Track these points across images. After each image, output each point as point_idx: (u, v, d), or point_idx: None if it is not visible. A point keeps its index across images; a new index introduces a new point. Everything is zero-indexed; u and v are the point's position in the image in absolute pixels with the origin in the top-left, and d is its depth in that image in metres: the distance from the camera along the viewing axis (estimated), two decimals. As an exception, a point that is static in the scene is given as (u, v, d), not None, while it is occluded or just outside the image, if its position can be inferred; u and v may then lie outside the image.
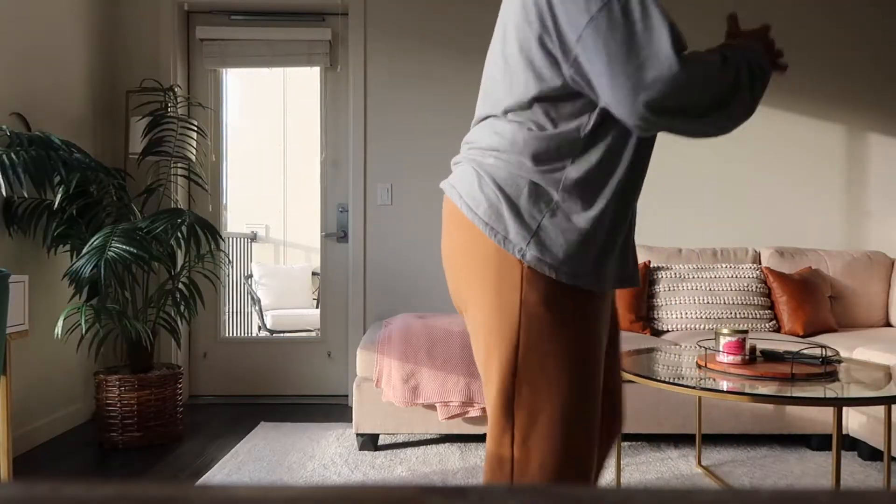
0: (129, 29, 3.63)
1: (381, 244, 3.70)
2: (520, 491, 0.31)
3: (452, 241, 1.23)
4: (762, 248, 3.60)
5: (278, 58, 3.76)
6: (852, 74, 3.75)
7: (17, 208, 2.78)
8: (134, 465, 2.65)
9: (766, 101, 3.74)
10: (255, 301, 5.33)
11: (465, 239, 1.19)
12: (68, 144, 2.86)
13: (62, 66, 3.18)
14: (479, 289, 1.18)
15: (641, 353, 2.34)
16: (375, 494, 0.29)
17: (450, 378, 2.71)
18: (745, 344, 2.04)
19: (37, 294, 2.94)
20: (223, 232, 3.95)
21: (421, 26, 3.69)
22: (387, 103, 3.70)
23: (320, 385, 3.84)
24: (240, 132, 5.87)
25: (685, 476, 2.53)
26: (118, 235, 2.70)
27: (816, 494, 0.30)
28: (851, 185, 3.77)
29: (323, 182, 3.83)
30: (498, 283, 1.15)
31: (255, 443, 2.91)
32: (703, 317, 3.22)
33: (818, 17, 3.75)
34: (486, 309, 1.17)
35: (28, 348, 2.87)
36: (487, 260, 1.16)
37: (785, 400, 1.73)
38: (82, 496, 0.29)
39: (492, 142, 1.18)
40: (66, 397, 3.15)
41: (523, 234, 1.12)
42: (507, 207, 1.14)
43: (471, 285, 1.19)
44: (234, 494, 0.29)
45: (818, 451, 2.80)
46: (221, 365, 3.83)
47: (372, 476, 2.53)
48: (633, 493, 0.31)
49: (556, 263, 1.12)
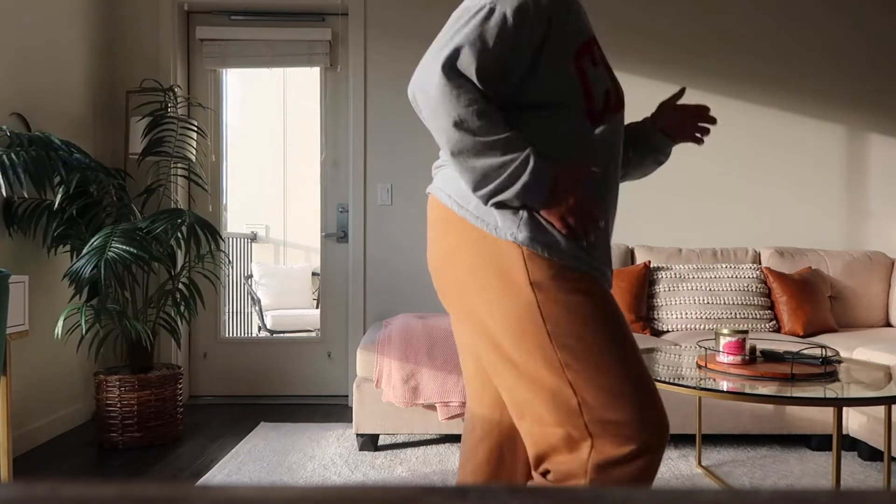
0: (129, 29, 3.63)
1: (381, 244, 3.70)
2: (520, 491, 0.31)
3: (441, 246, 1.25)
4: (762, 248, 3.60)
5: (278, 58, 3.76)
6: (852, 75, 3.75)
7: (18, 208, 2.78)
8: (134, 466, 2.65)
9: (767, 102, 3.74)
10: (255, 301, 5.33)
11: (458, 239, 1.21)
12: (68, 145, 2.86)
13: (62, 67, 3.18)
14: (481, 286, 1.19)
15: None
16: (375, 495, 0.29)
17: (450, 378, 2.71)
18: (745, 344, 2.04)
19: (37, 294, 2.94)
20: (223, 232, 3.95)
21: (421, 26, 3.69)
22: (387, 103, 3.70)
23: (320, 385, 3.84)
24: (240, 132, 5.87)
25: (685, 476, 2.53)
26: (118, 236, 2.70)
27: (816, 494, 0.30)
28: (851, 185, 3.77)
29: (323, 182, 3.83)
30: (501, 272, 1.17)
31: (255, 443, 2.92)
32: (703, 317, 3.22)
33: (818, 17, 3.75)
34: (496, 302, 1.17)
35: (28, 348, 2.88)
36: (484, 253, 1.18)
37: (785, 400, 1.73)
38: (82, 496, 0.29)
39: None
40: (66, 397, 3.15)
41: (512, 220, 1.16)
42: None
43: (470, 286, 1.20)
44: (235, 495, 0.29)
45: (818, 452, 2.80)
46: (221, 365, 3.83)
47: (372, 476, 2.53)
48: (634, 493, 0.31)
49: (549, 243, 1.16)
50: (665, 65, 3.72)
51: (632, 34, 3.72)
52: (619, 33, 3.72)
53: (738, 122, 3.74)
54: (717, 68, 3.73)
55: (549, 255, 1.15)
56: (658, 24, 3.72)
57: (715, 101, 3.74)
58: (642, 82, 3.72)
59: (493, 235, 1.17)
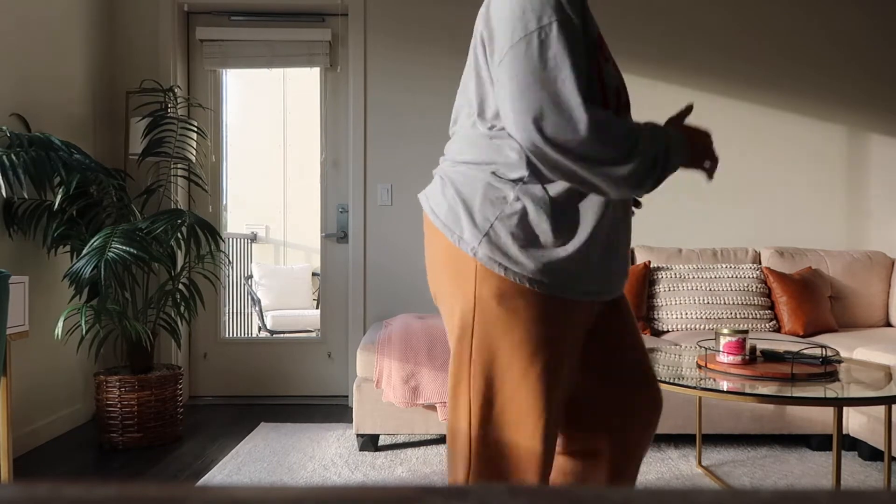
0: (129, 29, 3.64)
1: (381, 245, 3.70)
2: (521, 491, 0.31)
3: (426, 245, 1.34)
4: (762, 248, 3.60)
5: (278, 58, 3.76)
6: (853, 75, 3.75)
7: (18, 209, 2.78)
8: (134, 466, 2.65)
9: (767, 101, 3.74)
10: (255, 302, 5.33)
11: (434, 241, 1.28)
12: (68, 145, 2.86)
13: (62, 67, 3.18)
14: (445, 285, 1.27)
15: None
16: (376, 495, 0.29)
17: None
18: (746, 344, 2.04)
19: (37, 295, 2.94)
20: (223, 232, 3.95)
21: (421, 27, 3.69)
22: (387, 104, 3.70)
23: (320, 386, 3.84)
24: (240, 132, 5.87)
25: (685, 476, 2.53)
26: (118, 236, 2.70)
27: (817, 494, 0.30)
28: (851, 185, 3.77)
29: (323, 182, 3.83)
30: (457, 278, 1.24)
31: (255, 443, 2.91)
32: (703, 317, 3.22)
33: (819, 17, 3.75)
34: (450, 301, 1.26)
35: (28, 349, 2.87)
36: (449, 258, 1.25)
37: (785, 400, 1.73)
38: (82, 497, 0.29)
39: (456, 149, 1.28)
40: (66, 398, 3.15)
41: (475, 234, 1.20)
42: (463, 210, 1.22)
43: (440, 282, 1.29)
44: (235, 495, 0.29)
45: (818, 452, 2.80)
46: (221, 365, 3.83)
47: (372, 476, 2.53)
48: (634, 494, 0.31)
49: (506, 263, 1.19)
50: (664, 65, 3.72)
51: (630, 34, 3.72)
52: (617, 32, 3.72)
53: (738, 122, 3.74)
54: (716, 68, 3.73)
55: (504, 274, 1.19)
56: (657, 25, 3.72)
57: (715, 100, 3.74)
58: (642, 82, 3.72)
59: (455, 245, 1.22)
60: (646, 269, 3.30)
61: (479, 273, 1.20)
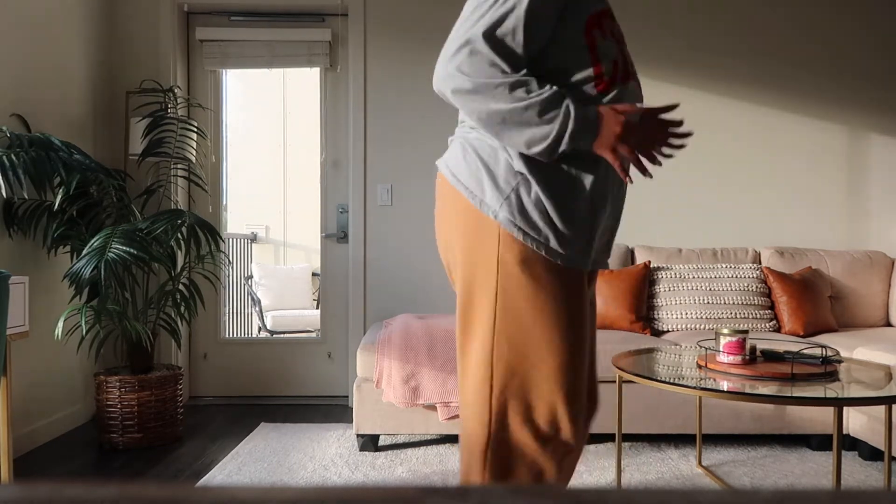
0: (129, 29, 3.64)
1: (381, 245, 3.70)
2: (521, 491, 0.31)
3: (440, 211, 1.35)
4: (762, 248, 3.60)
5: (278, 58, 3.76)
6: (853, 74, 3.75)
7: (18, 209, 2.78)
8: (134, 466, 2.65)
9: (767, 101, 3.74)
10: (255, 302, 5.33)
11: (451, 206, 1.30)
12: (68, 145, 2.86)
13: (62, 67, 3.18)
14: (462, 249, 1.28)
15: (642, 354, 2.34)
16: (376, 495, 0.29)
17: (450, 378, 2.71)
18: (746, 344, 2.04)
19: (37, 295, 2.94)
20: (223, 233, 3.95)
21: (421, 27, 3.69)
22: (387, 104, 3.70)
23: (320, 386, 3.84)
24: (240, 133, 5.87)
25: (686, 476, 2.53)
26: (118, 236, 2.70)
27: (817, 494, 0.30)
28: (852, 185, 3.77)
29: (323, 183, 3.83)
30: (478, 243, 1.25)
31: (255, 444, 2.91)
32: (703, 317, 3.22)
33: (819, 16, 3.75)
34: (469, 267, 1.27)
35: (28, 349, 2.87)
36: (469, 222, 1.26)
37: (785, 400, 1.73)
38: (82, 497, 0.29)
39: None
40: (66, 398, 3.15)
41: (497, 197, 1.23)
42: (486, 174, 1.25)
43: (456, 247, 1.29)
44: (235, 495, 0.29)
45: (818, 451, 2.80)
46: (222, 366, 3.83)
47: (372, 477, 2.53)
48: (634, 494, 0.31)
49: (526, 227, 1.22)
50: (663, 64, 3.72)
51: (629, 34, 3.72)
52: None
53: (737, 123, 3.74)
54: (716, 68, 3.73)
55: (523, 239, 1.21)
56: (657, 25, 3.72)
57: (714, 100, 3.74)
58: (642, 83, 3.72)
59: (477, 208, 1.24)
60: (646, 269, 3.30)
61: (503, 238, 1.23)
